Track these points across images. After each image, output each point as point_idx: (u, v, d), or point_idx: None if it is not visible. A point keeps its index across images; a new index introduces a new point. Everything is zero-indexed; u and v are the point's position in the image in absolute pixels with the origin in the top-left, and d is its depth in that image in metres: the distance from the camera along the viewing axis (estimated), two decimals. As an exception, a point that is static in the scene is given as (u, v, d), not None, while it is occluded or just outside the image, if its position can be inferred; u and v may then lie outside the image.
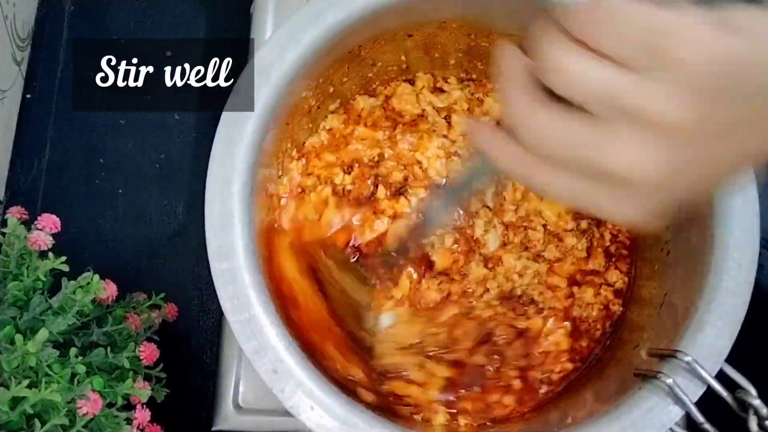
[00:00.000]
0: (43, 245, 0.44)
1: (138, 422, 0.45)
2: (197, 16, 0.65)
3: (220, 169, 0.44)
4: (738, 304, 0.42)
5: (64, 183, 0.62)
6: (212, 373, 0.56)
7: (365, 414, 0.42)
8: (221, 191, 0.44)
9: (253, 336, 0.42)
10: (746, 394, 0.40)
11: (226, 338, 0.56)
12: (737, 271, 0.43)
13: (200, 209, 0.63)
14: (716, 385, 0.40)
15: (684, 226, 0.48)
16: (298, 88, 0.48)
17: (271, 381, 0.41)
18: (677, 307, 0.46)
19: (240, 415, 0.54)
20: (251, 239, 0.44)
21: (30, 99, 0.63)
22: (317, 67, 0.48)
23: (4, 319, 0.42)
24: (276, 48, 0.45)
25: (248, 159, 0.44)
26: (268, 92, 0.45)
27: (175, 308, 0.54)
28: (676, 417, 0.41)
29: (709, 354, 0.42)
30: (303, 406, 0.41)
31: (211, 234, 0.43)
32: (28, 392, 0.39)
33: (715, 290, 0.43)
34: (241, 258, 0.43)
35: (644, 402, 0.42)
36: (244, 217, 0.44)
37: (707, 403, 0.41)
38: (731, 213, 0.44)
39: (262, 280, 0.43)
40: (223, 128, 0.44)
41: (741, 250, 0.43)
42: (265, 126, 0.45)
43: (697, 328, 0.42)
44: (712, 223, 0.44)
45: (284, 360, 0.42)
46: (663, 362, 0.43)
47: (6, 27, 0.60)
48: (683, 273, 0.47)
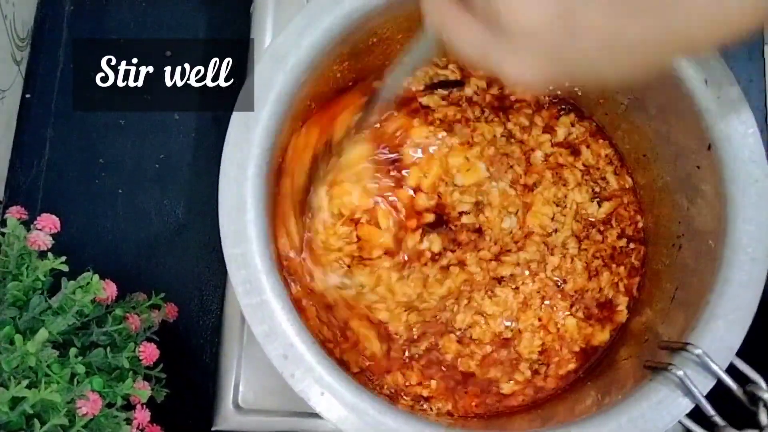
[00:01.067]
0: (42, 245, 0.43)
1: (138, 422, 0.45)
2: (197, 16, 0.65)
3: (235, 153, 0.44)
4: (750, 298, 0.43)
5: (64, 183, 0.62)
6: (212, 373, 0.56)
7: (375, 400, 0.42)
8: (236, 176, 0.44)
9: (264, 320, 0.42)
10: (756, 388, 0.40)
11: (226, 338, 0.56)
12: (750, 265, 0.43)
13: (200, 209, 0.63)
14: (726, 378, 0.41)
15: (696, 218, 0.48)
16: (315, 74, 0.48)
17: (281, 365, 0.41)
18: (689, 300, 0.46)
19: (240, 415, 0.54)
20: (264, 224, 0.44)
21: (30, 99, 0.63)
22: (334, 55, 0.48)
23: (4, 319, 0.42)
24: (293, 35, 0.45)
25: (263, 144, 0.44)
26: (284, 79, 0.45)
27: (175, 308, 0.54)
28: (686, 409, 0.41)
29: (720, 347, 0.42)
30: (313, 391, 0.41)
31: (225, 218, 0.43)
32: (27, 392, 0.39)
33: (727, 284, 0.43)
34: (254, 242, 0.43)
35: (654, 394, 0.42)
36: (257, 201, 0.44)
37: (717, 396, 0.41)
38: (745, 206, 0.44)
39: (274, 265, 0.43)
40: (238, 113, 0.44)
41: (754, 244, 0.43)
42: (281, 112, 0.45)
43: (708, 322, 0.43)
44: (725, 217, 0.44)
45: (295, 345, 0.42)
46: (674, 355, 0.43)
47: (6, 27, 0.60)
48: (695, 267, 0.47)
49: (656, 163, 0.52)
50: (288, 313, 0.42)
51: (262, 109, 0.44)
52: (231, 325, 0.56)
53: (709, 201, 0.46)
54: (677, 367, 0.41)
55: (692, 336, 0.42)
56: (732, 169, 0.44)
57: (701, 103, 0.45)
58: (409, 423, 0.41)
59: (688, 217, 0.49)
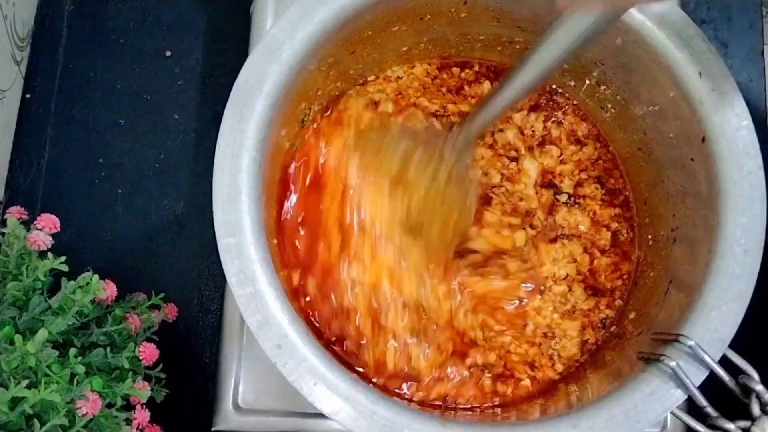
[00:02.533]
0: (42, 245, 0.43)
1: (137, 422, 0.45)
2: (197, 16, 0.65)
3: (229, 144, 0.44)
4: (743, 290, 0.43)
5: (63, 183, 0.62)
6: (212, 373, 0.56)
7: (368, 391, 0.42)
8: (230, 166, 0.44)
9: (258, 310, 0.42)
10: (749, 380, 0.40)
11: (226, 338, 0.56)
12: (743, 257, 0.43)
13: (200, 208, 0.63)
14: (719, 369, 0.41)
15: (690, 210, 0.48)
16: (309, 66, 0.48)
17: (274, 355, 0.41)
18: (682, 292, 0.46)
19: (240, 415, 0.54)
20: (258, 214, 0.44)
21: (30, 99, 0.63)
22: (329, 46, 0.48)
23: (4, 319, 0.42)
24: (287, 26, 0.45)
25: (257, 135, 0.44)
26: (279, 70, 0.45)
27: (175, 308, 0.54)
28: (679, 400, 0.41)
29: (713, 339, 0.42)
30: (306, 381, 0.41)
31: (219, 209, 0.43)
32: (27, 392, 0.39)
33: (720, 275, 0.43)
34: (248, 233, 0.43)
35: (647, 385, 0.42)
36: (251, 192, 0.44)
37: (710, 388, 0.41)
38: (738, 199, 0.44)
39: (267, 256, 0.43)
40: (233, 104, 0.45)
41: (747, 236, 0.43)
42: (275, 103, 0.45)
43: (701, 313, 0.43)
44: (718, 209, 0.44)
45: (288, 335, 0.42)
46: (667, 346, 0.43)
47: (6, 27, 0.60)
48: (689, 259, 0.47)
49: (650, 156, 0.53)
50: (282, 304, 0.42)
51: (256, 100, 0.44)
52: (231, 325, 0.56)
53: (702, 193, 0.46)
54: (670, 359, 0.41)
55: (685, 327, 0.43)
56: (725, 162, 0.44)
57: (695, 95, 0.45)
58: (403, 413, 0.41)
59: (681, 209, 0.49)
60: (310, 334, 0.43)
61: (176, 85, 0.64)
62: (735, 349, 0.42)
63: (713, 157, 0.45)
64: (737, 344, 0.42)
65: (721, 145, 0.44)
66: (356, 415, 0.41)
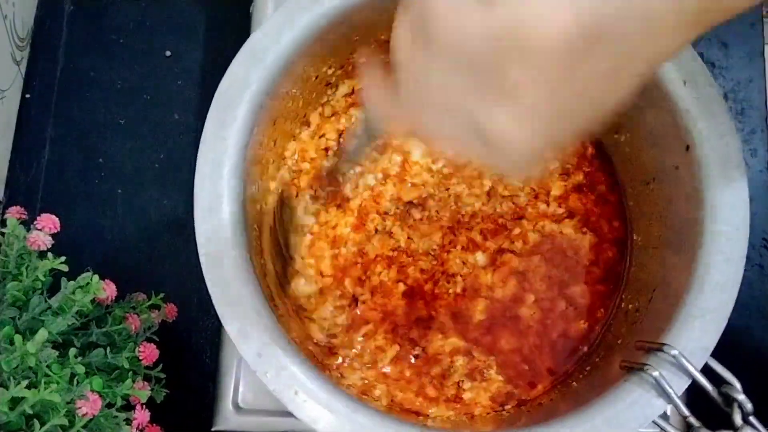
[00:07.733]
0: (42, 245, 0.43)
1: (137, 423, 0.45)
2: (197, 16, 0.65)
3: (210, 151, 0.44)
4: (725, 300, 0.43)
5: (63, 183, 0.62)
6: (212, 373, 0.56)
7: (348, 399, 0.42)
8: (211, 173, 0.44)
9: (237, 318, 0.42)
10: (731, 389, 0.40)
11: (226, 338, 0.56)
12: (726, 266, 0.43)
13: (200, 209, 0.63)
14: (701, 378, 0.41)
15: (674, 218, 0.48)
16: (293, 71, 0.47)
17: (255, 364, 0.41)
18: (665, 301, 0.46)
19: (240, 416, 0.54)
20: (240, 222, 0.44)
21: (30, 99, 0.63)
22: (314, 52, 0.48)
23: (4, 319, 0.42)
24: (273, 30, 0.45)
25: (239, 142, 0.44)
26: (263, 75, 0.45)
27: (175, 308, 0.54)
28: (661, 410, 0.41)
29: (696, 348, 0.42)
30: (287, 390, 0.41)
31: (200, 216, 0.43)
32: (27, 393, 0.39)
33: (703, 285, 0.43)
34: (229, 242, 0.43)
35: (628, 394, 0.42)
36: (233, 199, 0.44)
37: (692, 397, 0.41)
38: (721, 208, 0.44)
39: (249, 264, 0.43)
40: (215, 110, 0.44)
41: (730, 246, 0.43)
42: (257, 109, 0.45)
43: (684, 323, 0.43)
44: (702, 217, 0.44)
45: (268, 343, 0.42)
46: (649, 355, 0.43)
47: (5, 27, 0.59)
48: (672, 268, 0.47)
49: (635, 164, 0.52)
50: (261, 312, 0.42)
51: (238, 107, 0.44)
52: (231, 325, 0.56)
53: (686, 201, 0.46)
54: (653, 368, 0.41)
55: (668, 336, 0.42)
56: (710, 170, 0.44)
57: (680, 103, 0.45)
58: (383, 422, 0.41)
59: (665, 217, 0.49)
60: (292, 342, 0.43)
61: (176, 84, 0.64)
62: (717, 358, 0.42)
63: (697, 165, 0.45)
64: (719, 353, 0.42)
65: (705, 153, 0.44)
66: (337, 424, 0.41)
